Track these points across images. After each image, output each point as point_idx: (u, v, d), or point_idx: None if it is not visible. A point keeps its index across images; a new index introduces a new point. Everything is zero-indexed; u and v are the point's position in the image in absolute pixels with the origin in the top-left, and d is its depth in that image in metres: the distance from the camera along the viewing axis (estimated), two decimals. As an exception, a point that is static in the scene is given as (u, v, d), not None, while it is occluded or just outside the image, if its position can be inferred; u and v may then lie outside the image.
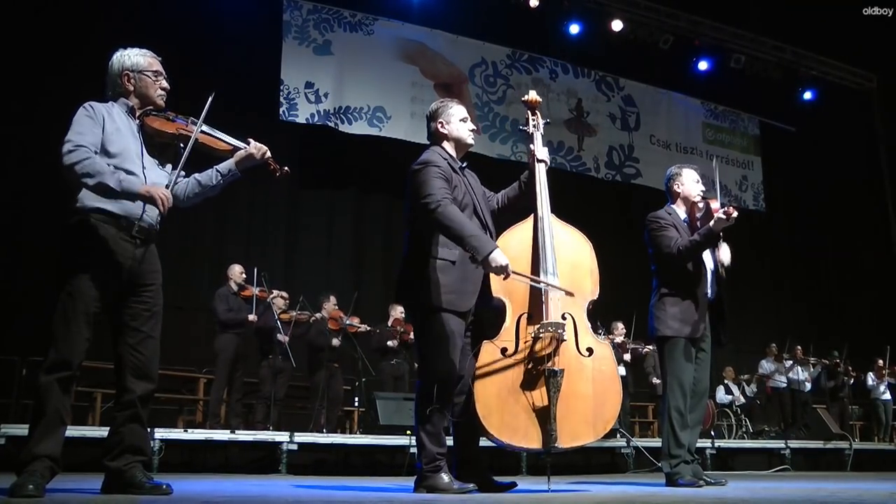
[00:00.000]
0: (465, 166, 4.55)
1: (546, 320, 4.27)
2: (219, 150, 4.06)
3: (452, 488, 4.12)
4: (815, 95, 17.33)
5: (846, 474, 10.26)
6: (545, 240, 4.41)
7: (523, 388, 4.22)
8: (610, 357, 4.48)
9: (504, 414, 4.18)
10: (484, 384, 4.20)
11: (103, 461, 3.76)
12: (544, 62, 14.97)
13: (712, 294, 5.47)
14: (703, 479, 5.24)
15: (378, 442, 8.94)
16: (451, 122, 4.56)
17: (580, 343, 4.36)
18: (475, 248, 4.05)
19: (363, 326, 11.03)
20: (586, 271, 4.53)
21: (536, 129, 4.86)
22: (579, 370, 4.31)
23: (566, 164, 14.63)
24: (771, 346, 14.46)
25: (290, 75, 12.49)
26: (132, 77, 3.93)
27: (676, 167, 5.72)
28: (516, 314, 4.32)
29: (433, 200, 4.14)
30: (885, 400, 14.56)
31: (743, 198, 16.72)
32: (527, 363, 4.26)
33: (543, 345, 4.26)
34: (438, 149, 4.50)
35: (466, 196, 4.40)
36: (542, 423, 4.17)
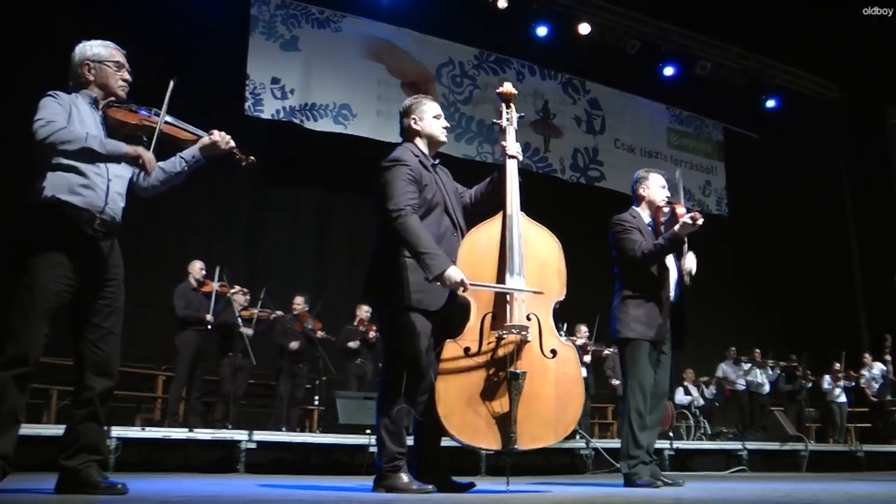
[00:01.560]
0: (437, 163, 4.54)
1: (510, 322, 4.26)
2: (183, 140, 4.02)
3: (411, 488, 4.11)
4: (779, 103, 17.52)
5: (802, 475, 10.38)
6: (513, 238, 4.38)
7: (485, 388, 4.20)
8: (574, 359, 4.46)
9: (465, 414, 4.16)
10: (446, 384, 4.17)
11: (58, 460, 3.70)
12: (511, 63, 14.99)
13: (675, 297, 5.51)
14: (660, 480, 5.28)
15: (338, 441, 8.90)
16: (425, 118, 4.53)
17: (544, 345, 4.34)
18: (429, 266, 4.03)
19: (322, 333, 10.99)
20: (554, 271, 4.50)
21: (510, 122, 4.83)
22: (542, 372, 4.30)
23: (532, 164, 14.66)
24: (730, 349, 14.61)
25: (257, 70, 12.40)
26: (93, 67, 3.88)
27: (644, 171, 5.75)
28: (480, 314, 4.29)
29: (396, 208, 4.12)
30: (840, 403, 14.77)
31: (706, 202, 16.87)
32: (489, 364, 4.23)
33: (507, 346, 4.25)
34: (411, 146, 4.48)
35: (437, 194, 4.39)
36: (503, 424, 4.15)
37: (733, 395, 14.42)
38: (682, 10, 15.59)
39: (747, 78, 17.10)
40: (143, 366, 10.93)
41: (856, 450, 12.58)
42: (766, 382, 14.53)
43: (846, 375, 14.66)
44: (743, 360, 14.45)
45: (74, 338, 3.77)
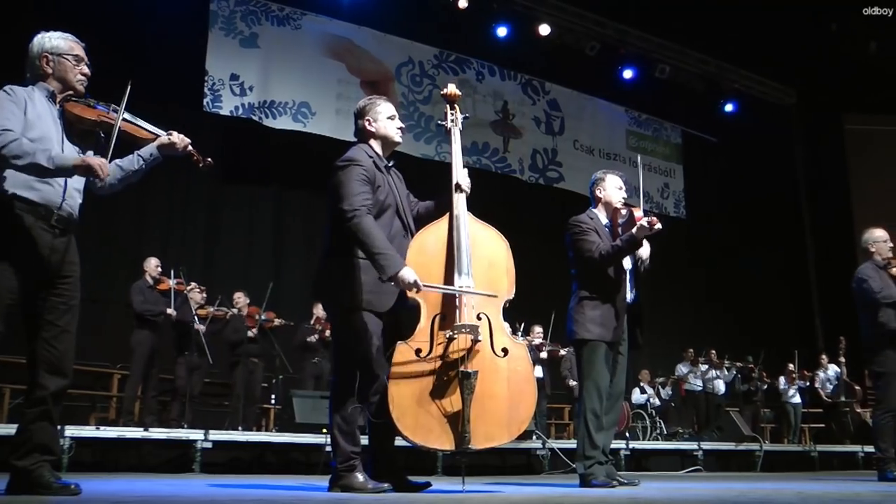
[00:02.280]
0: (391, 165, 4.54)
1: (460, 322, 4.28)
2: (141, 137, 3.98)
3: (367, 487, 4.12)
4: (737, 107, 17.72)
5: (756, 475, 10.50)
6: (461, 238, 4.40)
7: (437, 389, 4.21)
8: (525, 358, 4.48)
9: (418, 415, 4.17)
10: (398, 385, 4.17)
11: (10, 460, 3.65)
12: (471, 63, 15.00)
13: (631, 298, 5.55)
14: (616, 480, 5.31)
15: (294, 440, 8.86)
16: (379, 119, 4.53)
17: (495, 344, 4.36)
18: (383, 266, 4.04)
19: (279, 321, 10.95)
20: (503, 270, 4.51)
21: (455, 124, 4.85)
22: (494, 371, 4.31)
23: (491, 165, 14.69)
24: (687, 350, 14.74)
25: (216, 66, 12.31)
26: (51, 60, 3.82)
27: (601, 172, 5.76)
28: (430, 315, 4.30)
29: (350, 208, 4.13)
30: (794, 403, 14.97)
31: (664, 205, 17.00)
32: (441, 364, 4.24)
33: (457, 346, 4.25)
34: (365, 146, 4.48)
35: (390, 196, 4.39)
36: (455, 425, 4.16)
37: (689, 395, 14.56)
38: (642, 14, 15.71)
39: (706, 82, 17.27)
40: (98, 364, 10.83)
41: (810, 450, 12.75)
42: (721, 383, 14.70)
43: (801, 376, 14.87)
44: (700, 361, 14.58)
45: (28, 336, 3.71)
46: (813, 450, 12.70)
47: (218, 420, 10.36)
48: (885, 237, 7.38)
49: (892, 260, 7.31)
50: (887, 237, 7.38)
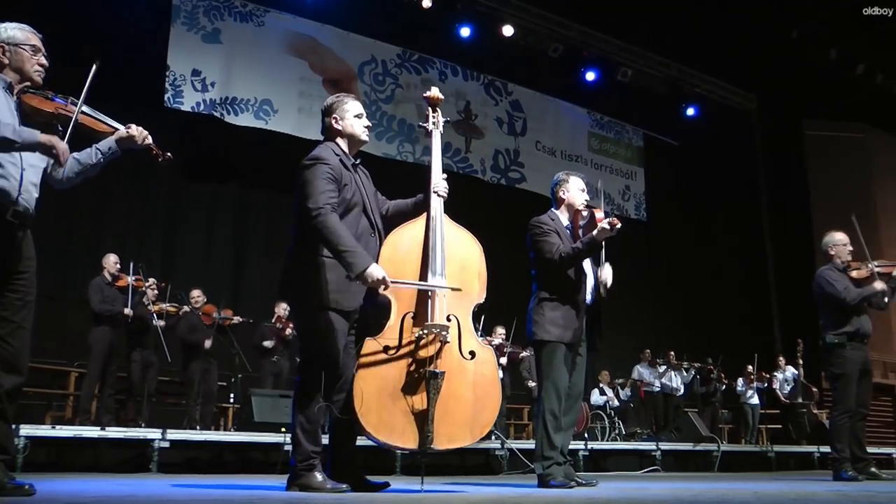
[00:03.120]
0: (358, 163, 4.52)
1: (430, 321, 4.28)
2: (99, 131, 3.94)
3: (325, 487, 4.10)
4: (698, 111, 17.86)
5: (713, 475, 10.57)
6: (436, 239, 4.41)
7: (403, 387, 4.21)
8: (492, 361, 4.50)
9: (382, 412, 4.17)
10: (364, 381, 4.17)
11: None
12: (434, 63, 14.99)
13: (591, 300, 5.57)
14: (574, 480, 5.32)
15: (252, 439, 8.79)
16: (346, 117, 4.51)
17: (463, 346, 4.37)
18: (350, 264, 4.04)
19: (237, 318, 10.88)
20: (475, 273, 4.54)
21: (436, 126, 4.85)
22: (461, 373, 4.32)
23: (453, 165, 14.68)
24: (646, 351, 14.84)
25: (177, 62, 12.19)
26: (7, 50, 3.77)
27: (564, 174, 5.78)
28: (401, 313, 4.30)
29: (315, 207, 4.11)
30: (752, 404, 15.15)
31: (625, 207, 17.09)
32: (408, 363, 4.25)
33: (426, 346, 4.26)
34: (332, 144, 4.46)
35: (357, 195, 4.38)
36: (419, 424, 4.17)
37: (648, 396, 14.66)
38: (606, 17, 15.78)
39: (668, 85, 17.40)
40: (54, 362, 10.70)
41: (767, 450, 12.88)
42: (680, 384, 14.83)
43: (759, 378, 15.04)
44: (658, 363, 14.69)
45: (-18, 332, 3.66)
46: (770, 450, 12.83)
47: (176, 419, 10.28)
48: (844, 240, 7.49)
49: (852, 263, 7.43)
50: (847, 241, 7.49)
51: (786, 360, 15.16)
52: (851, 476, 6.99)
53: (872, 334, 7.45)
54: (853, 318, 7.25)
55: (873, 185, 19.51)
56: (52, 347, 10.47)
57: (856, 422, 7.28)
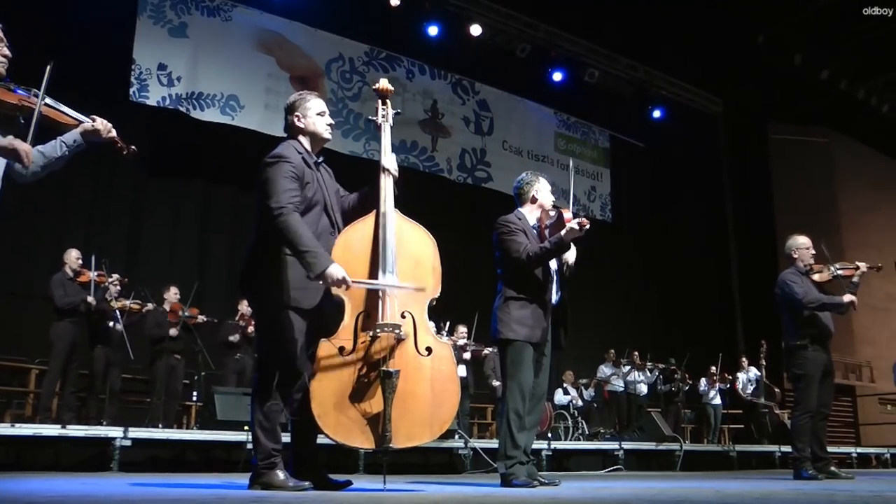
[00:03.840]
0: (320, 161, 4.51)
1: (383, 320, 4.27)
2: (63, 123, 3.89)
3: (287, 485, 4.09)
4: (664, 114, 17.98)
5: (675, 474, 10.65)
6: (386, 236, 4.39)
7: (359, 387, 4.20)
8: (449, 357, 4.49)
9: (339, 413, 4.15)
10: (320, 383, 4.15)
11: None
12: (402, 61, 14.97)
13: (556, 299, 5.59)
14: (537, 480, 5.33)
15: (215, 437, 8.72)
16: (308, 115, 4.49)
17: (419, 343, 4.35)
18: (310, 264, 4.02)
19: (202, 317, 10.81)
20: (428, 269, 4.51)
21: (385, 119, 4.83)
22: (417, 370, 4.31)
23: (419, 163, 14.68)
24: (610, 351, 14.92)
25: (143, 55, 12.08)
26: (-32, 41, 3.73)
27: (532, 174, 5.79)
28: (354, 312, 4.28)
29: (277, 206, 4.09)
30: (715, 405, 15.30)
31: (591, 207, 17.17)
32: (364, 363, 4.23)
33: (380, 344, 4.25)
34: (294, 142, 4.44)
35: (318, 193, 4.36)
36: (377, 423, 4.16)
37: (612, 396, 14.74)
38: (574, 18, 15.85)
39: (634, 87, 17.52)
40: (14, 359, 10.59)
41: (729, 450, 12.99)
42: (644, 384, 14.92)
43: (722, 378, 15.17)
44: (622, 363, 14.77)
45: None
46: (732, 450, 12.94)
47: (138, 417, 10.19)
48: (807, 244, 7.59)
49: (814, 266, 7.53)
50: (810, 244, 7.60)
51: (749, 361, 15.30)
52: (812, 475, 7.10)
53: (834, 336, 7.56)
54: (815, 320, 7.36)
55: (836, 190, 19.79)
56: (13, 344, 10.35)
57: (817, 422, 7.39)
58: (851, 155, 20.78)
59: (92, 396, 10.01)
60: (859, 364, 19.07)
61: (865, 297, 16.58)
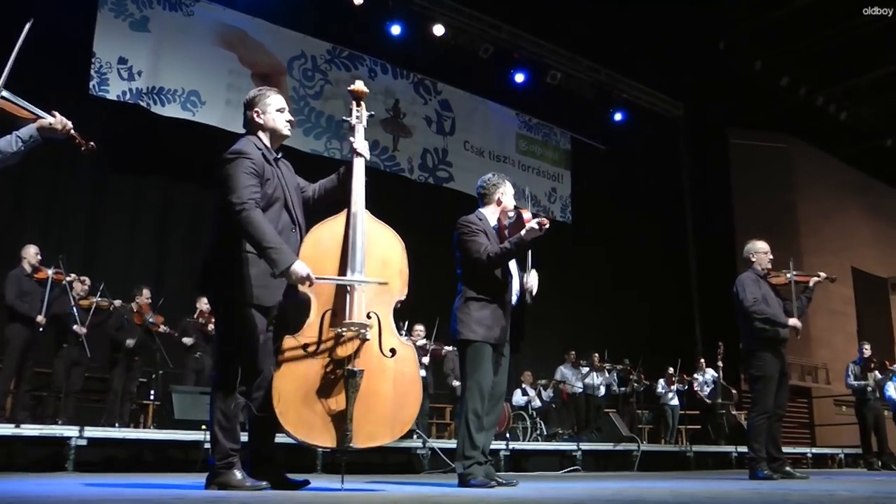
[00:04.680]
0: (280, 157, 4.49)
1: (350, 319, 4.26)
2: (20, 117, 3.84)
3: (244, 485, 4.06)
4: (625, 117, 18.08)
5: (633, 474, 10.72)
6: (356, 236, 4.39)
7: (322, 386, 4.19)
8: (412, 359, 4.49)
9: (301, 411, 4.14)
10: (283, 380, 4.14)
11: None
12: (364, 60, 14.91)
13: (516, 300, 5.61)
14: (495, 480, 5.34)
15: (172, 437, 8.62)
16: (268, 111, 4.46)
17: (383, 343, 4.35)
18: (274, 261, 4.01)
19: (164, 328, 10.70)
20: (396, 270, 4.52)
21: (360, 121, 4.83)
22: (381, 371, 4.31)
23: (380, 163, 14.64)
24: (570, 352, 14.98)
25: (104, 49, 11.90)
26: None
27: (498, 176, 5.81)
28: (321, 310, 4.27)
29: (239, 202, 4.07)
30: (672, 406, 15.45)
31: (551, 209, 17.20)
32: (328, 361, 4.22)
33: (345, 343, 4.24)
34: (254, 138, 4.41)
35: (278, 189, 4.34)
36: (338, 422, 4.15)
37: (570, 397, 14.81)
38: (537, 19, 15.91)
39: (596, 90, 17.60)
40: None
41: (686, 450, 13.11)
42: (602, 385, 15.01)
43: (679, 380, 15.31)
44: (581, 364, 14.85)
45: None
46: (689, 450, 13.06)
47: (94, 416, 10.06)
48: (765, 249, 7.70)
49: (772, 271, 7.64)
50: (768, 249, 7.71)
51: (706, 363, 15.44)
52: (767, 475, 7.20)
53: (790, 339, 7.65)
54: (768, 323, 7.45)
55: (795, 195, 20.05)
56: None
57: (773, 423, 7.49)
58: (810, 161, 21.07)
59: (50, 395, 9.88)
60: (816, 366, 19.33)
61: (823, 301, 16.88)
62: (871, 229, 22.86)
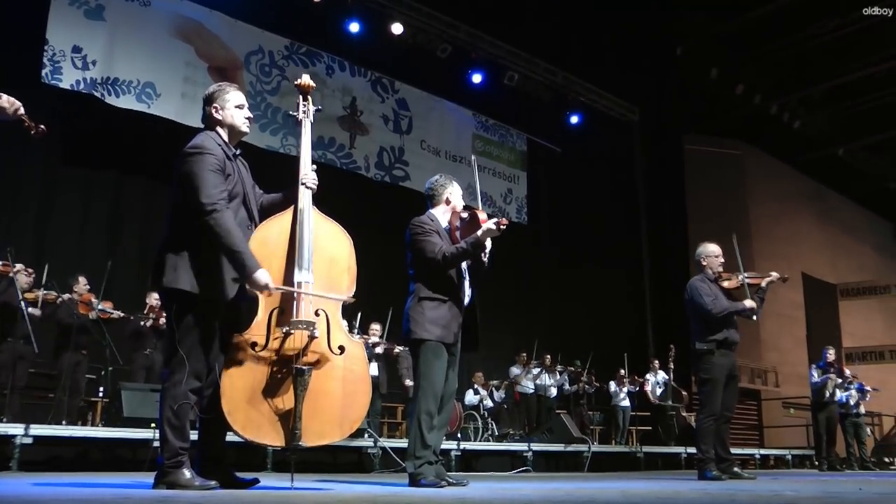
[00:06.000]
0: (238, 154, 4.46)
1: (297, 317, 4.24)
2: None
3: (193, 485, 4.03)
4: (581, 119, 18.15)
5: (583, 475, 10.77)
6: (303, 233, 4.38)
7: (271, 384, 4.17)
8: (361, 356, 4.49)
9: (249, 410, 4.11)
10: (231, 379, 4.11)
11: None
12: (322, 57, 14.83)
13: (469, 300, 5.62)
14: (445, 480, 5.34)
15: (120, 435, 8.47)
16: (227, 107, 4.44)
17: (332, 341, 4.34)
18: (242, 265, 4.04)
19: (116, 313, 10.53)
20: (344, 268, 4.51)
21: (306, 115, 4.81)
22: (329, 369, 4.30)
23: (336, 160, 14.57)
24: (521, 353, 15.02)
25: (57, 36, 11.65)
26: None
27: (445, 177, 5.87)
28: (268, 308, 4.25)
29: (209, 203, 4.06)
30: (623, 406, 15.57)
31: (507, 210, 17.23)
32: (276, 359, 4.21)
33: (293, 341, 4.22)
34: (213, 134, 4.38)
35: (238, 185, 4.33)
36: (287, 421, 4.13)
37: (522, 397, 14.85)
38: (496, 21, 15.94)
39: (553, 92, 17.65)
40: None
41: (636, 451, 13.20)
42: (554, 386, 15.07)
43: (631, 381, 15.42)
44: (533, 365, 14.90)
45: None
46: (639, 451, 13.16)
47: (41, 413, 9.87)
48: (717, 252, 7.78)
49: (723, 273, 7.72)
50: (719, 252, 7.79)
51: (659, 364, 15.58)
52: (715, 476, 7.29)
53: (740, 342, 7.76)
54: (722, 326, 7.57)
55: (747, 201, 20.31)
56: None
57: (721, 424, 7.59)
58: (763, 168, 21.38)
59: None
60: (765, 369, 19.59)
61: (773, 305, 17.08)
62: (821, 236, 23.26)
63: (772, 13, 16.56)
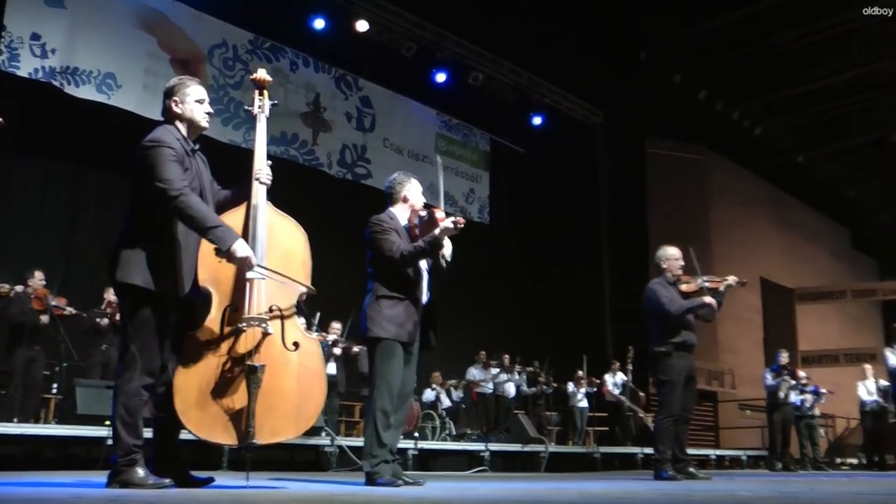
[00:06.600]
0: (197, 149, 4.42)
1: (250, 313, 4.20)
2: None
3: (147, 483, 3.99)
4: (545, 121, 18.21)
5: (540, 475, 10.82)
6: (256, 228, 4.36)
7: (224, 382, 4.13)
8: (316, 353, 4.47)
9: (203, 409, 4.08)
10: (185, 377, 4.07)
11: None
12: (286, 52, 14.73)
13: (427, 299, 5.61)
14: (402, 479, 5.34)
15: (74, 433, 8.34)
16: (187, 101, 4.40)
17: (286, 337, 4.31)
18: (220, 238, 4.00)
19: (70, 309, 10.36)
20: (299, 263, 4.49)
21: (262, 110, 4.78)
22: (283, 365, 4.27)
23: (299, 156, 14.49)
24: (480, 353, 15.02)
25: (15, 23, 11.42)
26: None
27: (404, 175, 5.87)
28: (222, 305, 4.22)
29: (173, 188, 4.01)
30: (581, 407, 15.63)
31: (469, 209, 17.24)
32: (229, 357, 4.18)
33: (247, 338, 4.19)
34: (172, 128, 4.34)
35: (195, 180, 4.30)
36: (241, 419, 4.10)
37: (480, 397, 14.85)
38: (461, 20, 15.94)
39: (517, 93, 17.70)
40: None
41: (593, 451, 13.27)
42: (512, 386, 15.10)
43: (589, 382, 15.49)
44: (492, 365, 14.91)
45: None
46: (596, 451, 13.23)
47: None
48: (677, 255, 7.84)
49: (682, 277, 7.79)
50: (679, 255, 7.84)
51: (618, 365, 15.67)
52: (671, 476, 7.37)
53: (698, 344, 7.83)
54: (680, 329, 7.61)
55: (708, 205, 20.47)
56: None
57: (680, 425, 7.65)
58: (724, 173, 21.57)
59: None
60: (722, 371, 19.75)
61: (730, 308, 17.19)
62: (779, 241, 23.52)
63: (735, 21, 16.74)
